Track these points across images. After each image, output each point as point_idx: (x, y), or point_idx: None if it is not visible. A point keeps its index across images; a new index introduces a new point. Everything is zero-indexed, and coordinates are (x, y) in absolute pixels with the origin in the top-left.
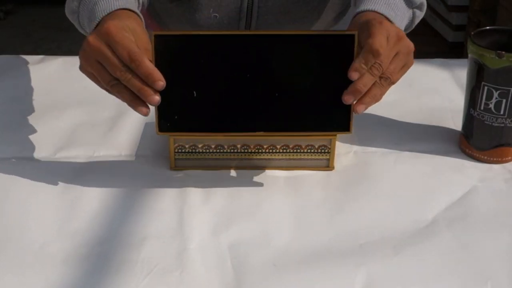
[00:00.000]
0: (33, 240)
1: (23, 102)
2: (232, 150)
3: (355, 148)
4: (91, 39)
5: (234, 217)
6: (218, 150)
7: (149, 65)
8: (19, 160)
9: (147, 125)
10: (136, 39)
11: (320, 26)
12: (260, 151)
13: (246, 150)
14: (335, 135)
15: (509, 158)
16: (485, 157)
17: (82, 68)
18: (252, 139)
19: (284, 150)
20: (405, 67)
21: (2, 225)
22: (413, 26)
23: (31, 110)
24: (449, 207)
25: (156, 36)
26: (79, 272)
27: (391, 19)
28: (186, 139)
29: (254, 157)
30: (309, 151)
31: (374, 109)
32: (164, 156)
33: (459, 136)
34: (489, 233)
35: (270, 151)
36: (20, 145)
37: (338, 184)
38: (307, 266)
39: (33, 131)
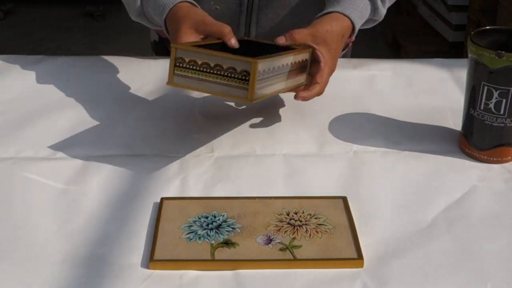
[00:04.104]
0: (33, 241)
1: (23, 102)
2: (230, 74)
3: (355, 147)
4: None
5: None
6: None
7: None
8: (19, 160)
9: (147, 124)
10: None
11: None
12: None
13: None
14: (257, 60)
15: (509, 158)
16: (485, 157)
17: None
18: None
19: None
20: None
21: (2, 225)
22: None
23: (31, 110)
24: (449, 207)
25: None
26: (78, 274)
27: (356, 26)
28: (187, 52)
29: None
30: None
31: (374, 109)
32: (164, 155)
33: (459, 136)
34: (489, 233)
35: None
36: (20, 145)
37: (338, 183)
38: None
39: (33, 131)
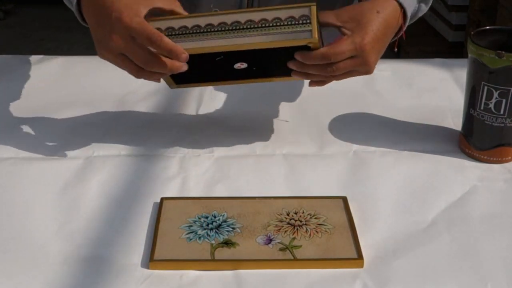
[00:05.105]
0: (33, 241)
1: (23, 102)
2: (222, 29)
3: (355, 147)
4: (115, 37)
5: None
6: (207, 30)
7: (168, 42)
8: (19, 160)
9: (146, 124)
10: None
11: None
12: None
13: (236, 27)
14: (315, 3)
15: (509, 158)
16: (485, 157)
17: (103, 57)
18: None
19: (263, 25)
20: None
21: (2, 226)
22: (415, 20)
23: (31, 110)
24: (449, 207)
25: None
26: (78, 274)
27: (403, 4)
28: (165, 20)
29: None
30: (289, 23)
31: (374, 109)
32: (164, 155)
33: (459, 136)
34: (489, 234)
35: (248, 26)
36: (20, 145)
37: (338, 183)
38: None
39: (33, 131)
